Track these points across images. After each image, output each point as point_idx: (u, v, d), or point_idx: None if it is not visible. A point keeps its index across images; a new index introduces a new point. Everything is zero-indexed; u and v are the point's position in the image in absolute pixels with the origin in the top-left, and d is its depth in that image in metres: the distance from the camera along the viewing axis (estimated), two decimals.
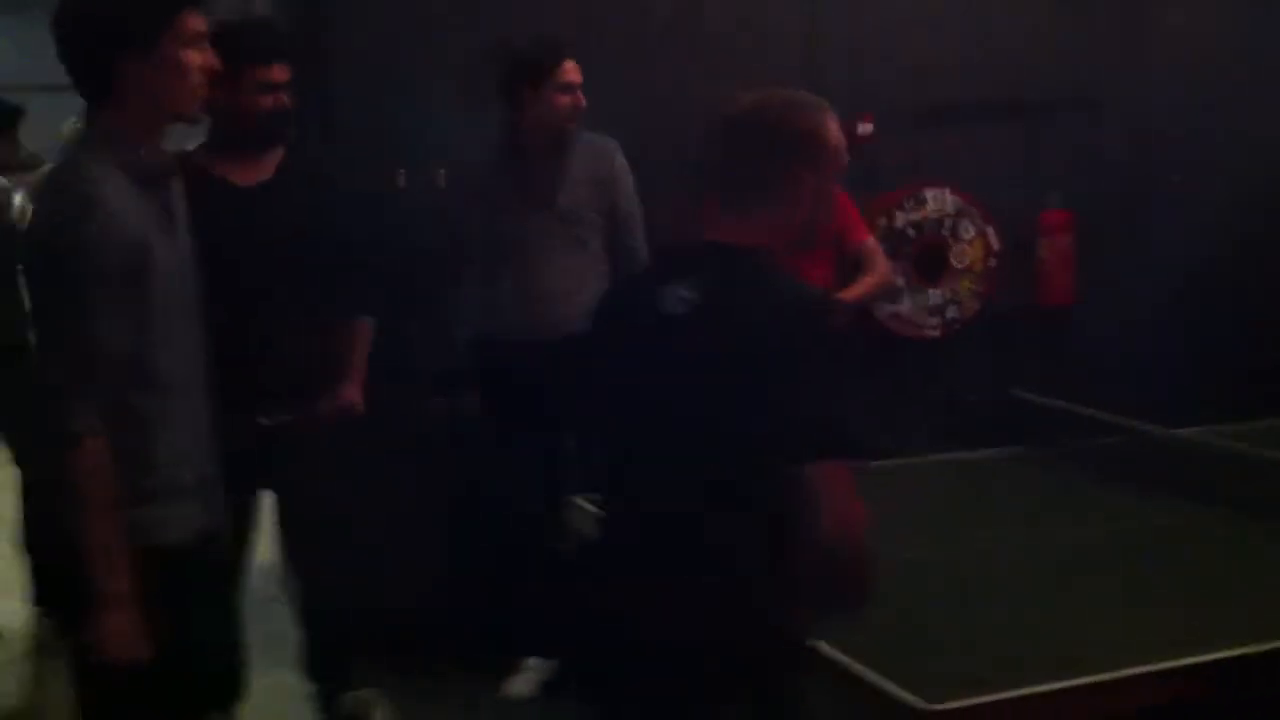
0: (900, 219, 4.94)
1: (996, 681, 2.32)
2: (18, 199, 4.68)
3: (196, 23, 2.44)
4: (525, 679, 4.21)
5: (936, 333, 5.01)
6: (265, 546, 3.76)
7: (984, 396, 4.45)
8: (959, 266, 5.00)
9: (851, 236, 4.27)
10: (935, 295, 4.99)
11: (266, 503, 3.66)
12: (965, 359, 5.01)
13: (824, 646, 2.43)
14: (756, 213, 2.18)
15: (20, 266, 2.60)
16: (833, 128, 2.22)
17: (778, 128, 2.19)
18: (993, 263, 5.02)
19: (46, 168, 3.66)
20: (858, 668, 2.35)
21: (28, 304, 2.47)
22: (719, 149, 2.23)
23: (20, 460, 4.44)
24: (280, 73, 3.42)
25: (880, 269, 4.37)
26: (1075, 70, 5.08)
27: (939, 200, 4.96)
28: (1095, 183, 5.09)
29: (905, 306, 4.97)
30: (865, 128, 4.91)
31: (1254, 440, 3.56)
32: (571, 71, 3.93)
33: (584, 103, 3.95)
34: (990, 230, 5.00)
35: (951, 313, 5.01)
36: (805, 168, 2.18)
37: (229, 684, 3.63)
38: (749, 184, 2.19)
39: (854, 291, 4.23)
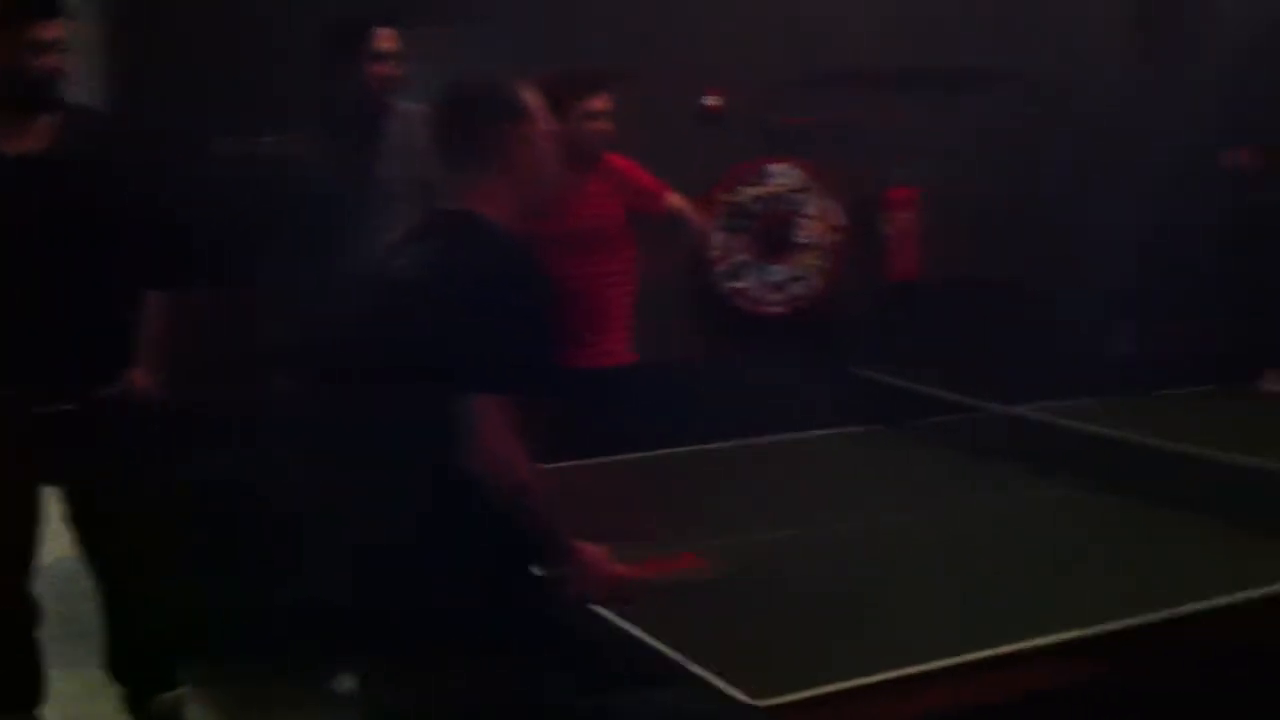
0: (745, 194, 4.84)
1: (833, 672, 2.19)
2: None
3: None
4: (350, 674, 4.02)
5: (781, 309, 4.92)
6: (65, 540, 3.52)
7: (830, 374, 4.36)
8: (803, 242, 4.92)
9: (651, 204, 4.11)
10: (779, 271, 4.91)
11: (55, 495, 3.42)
12: (813, 336, 4.93)
13: (651, 639, 2.30)
14: (472, 180, 2.45)
15: None
16: (528, 98, 2.47)
17: (477, 100, 2.48)
18: (837, 238, 4.95)
19: None
20: (683, 661, 2.21)
21: None
22: (436, 122, 2.56)
23: None
24: (54, 30, 3.18)
25: (693, 215, 4.22)
26: (936, 43, 5.01)
27: (784, 175, 4.87)
28: (949, 159, 5.01)
29: (749, 283, 4.88)
30: (713, 100, 4.80)
31: (1089, 418, 3.51)
32: (385, 40, 3.79)
33: (399, 72, 3.79)
34: (834, 205, 4.93)
35: (796, 289, 4.93)
36: (506, 134, 2.44)
37: (24, 684, 3.40)
38: (460, 153, 2.48)
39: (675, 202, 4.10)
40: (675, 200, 4.17)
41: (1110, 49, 4.90)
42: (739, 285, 4.85)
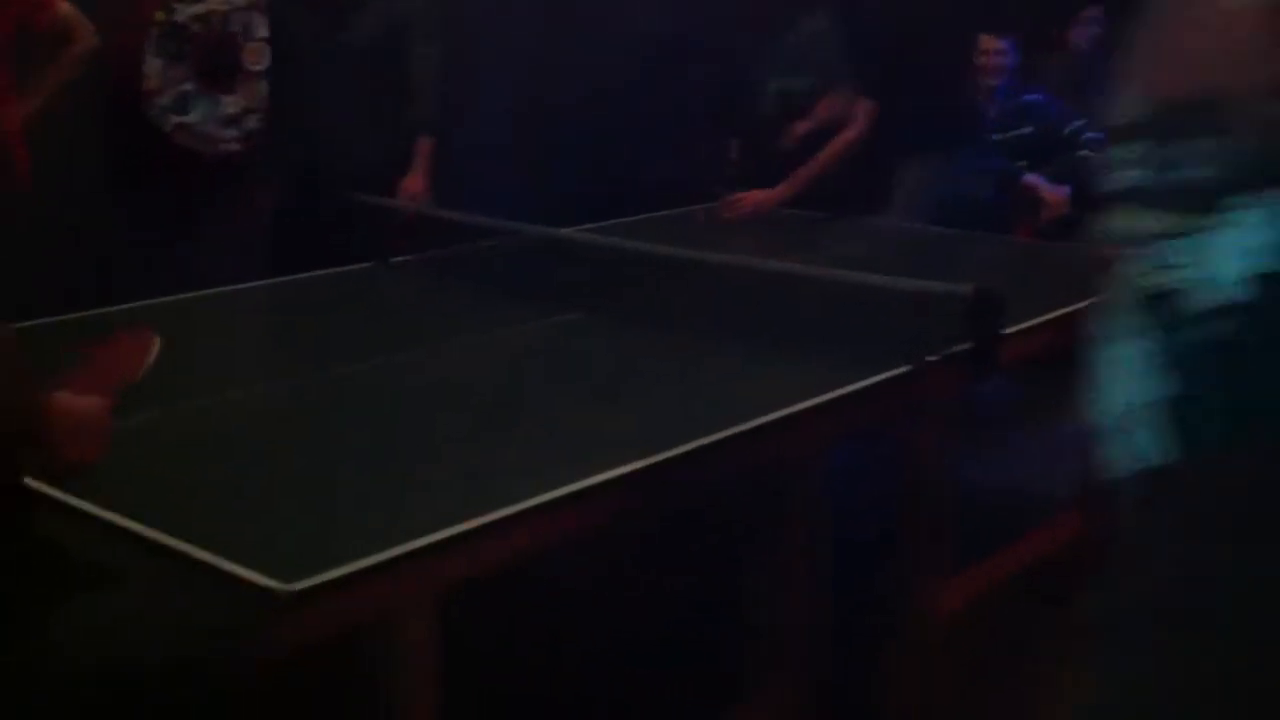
0: (181, 12, 4.24)
1: (360, 548, 1.88)
2: None
3: None
4: None
5: (236, 147, 4.41)
6: None
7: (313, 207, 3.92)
8: (255, 69, 4.41)
9: (39, 14, 3.49)
10: (229, 103, 4.38)
11: None
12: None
13: (152, 533, 1.89)
14: None
15: None
16: None
17: None
18: None
19: None
20: (195, 552, 1.83)
21: None
22: None
23: None
24: None
25: (81, 32, 3.62)
26: None
27: None
28: None
29: (194, 117, 4.32)
30: None
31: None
32: None
33: None
34: None
35: (252, 123, 4.42)
36: None
37: None
38: None
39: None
40: (66, 9, 3.57)
41: None
42: (184, 120, 4.29)
